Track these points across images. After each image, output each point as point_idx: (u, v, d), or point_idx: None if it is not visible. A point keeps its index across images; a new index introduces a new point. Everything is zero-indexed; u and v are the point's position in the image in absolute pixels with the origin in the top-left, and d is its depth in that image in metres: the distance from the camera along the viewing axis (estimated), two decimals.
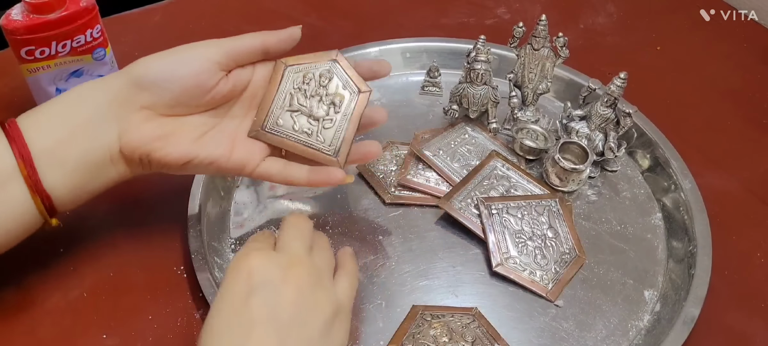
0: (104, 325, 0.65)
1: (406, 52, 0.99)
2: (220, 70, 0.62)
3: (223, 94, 0.63)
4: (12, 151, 0.57)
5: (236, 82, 0.64)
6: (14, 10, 0.77)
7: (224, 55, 0.62)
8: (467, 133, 0.87)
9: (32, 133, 0.58)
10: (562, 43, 0.82)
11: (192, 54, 0.62)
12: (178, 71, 0.61)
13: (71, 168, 0.59)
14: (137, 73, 0.61)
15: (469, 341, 0.63)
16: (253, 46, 0.64)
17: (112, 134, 0.60)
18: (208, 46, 0.63)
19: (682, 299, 0.67)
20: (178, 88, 0.61)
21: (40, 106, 0.61)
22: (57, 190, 0.58)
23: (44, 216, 0.59)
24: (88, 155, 0.60)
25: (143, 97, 0.61)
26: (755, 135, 0.92)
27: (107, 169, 0.61)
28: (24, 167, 0.57)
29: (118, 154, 0.61)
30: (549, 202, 0.77)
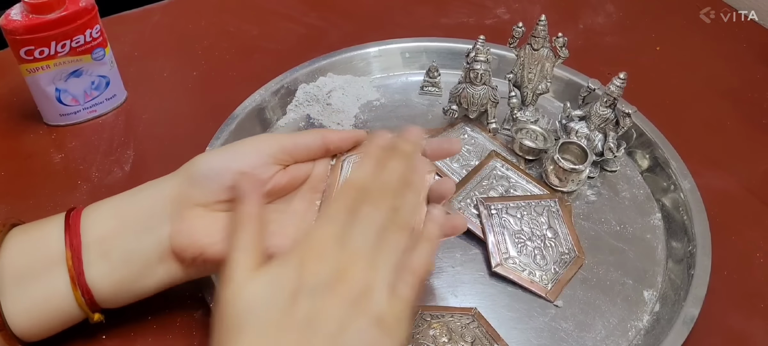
0: (103, 325, 0.64)
1: (405, 52, 0.99)
2: (276, 164, 0.61)
3: (280, 187, 0.62)
4: (64, 239, 0.56)
5: (294, 175, 0.62)
6: (13, 10, 0.77)
7: (281, 151, 0.61)
8: (467, 134, 0.87)
9: (88, 223, 0.58)
10: (562, 43, 0.82)
11: (247, 148, 0.61)
12: (232, 165, 0.59)
13: (115, 262, 0.57)
14: (191, 170, 0.60)
15: (469, 341, 0.63)
16: (313, 143, 0.63)
17: (163, 232, 0.58)
18: (266, 140, 0.62)
19: (682, 300, 0.67)
20: (231, 180, 0.58)
21: (108, 199, 0.61)
22: (99, 284, 0.57)
23: (84, 310, 0.58)
24: (133, 250, 0.58)
25: (196, 194, 0.59)
26: (755, 135, 0.92)
27: (154, 268, 0.58)
28: (70, 257, 0.56)
29: (169, 253, 0.58)
30: (548, 202, 0.77)
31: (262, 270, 0.51)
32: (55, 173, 0.81)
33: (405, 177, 0.56)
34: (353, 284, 0.49)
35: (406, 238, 0.54)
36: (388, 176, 0.56)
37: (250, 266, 0.51)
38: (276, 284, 0.49)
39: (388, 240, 0.53)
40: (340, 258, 0.50)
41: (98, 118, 0.90)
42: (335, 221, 0.52)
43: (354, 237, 0.52)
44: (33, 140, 0.86)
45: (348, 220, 0.53)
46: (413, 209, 0.56)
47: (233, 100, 0.86)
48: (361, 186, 0.55)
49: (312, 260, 0.50)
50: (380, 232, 0.53)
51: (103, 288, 0.57)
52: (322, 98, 0.90)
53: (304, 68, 0.93)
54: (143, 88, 0.94)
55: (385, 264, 0.52)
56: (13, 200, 0.77)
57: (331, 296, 0.49)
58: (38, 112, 0.87)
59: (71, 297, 0.56)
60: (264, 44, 1.05)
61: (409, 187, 0.56)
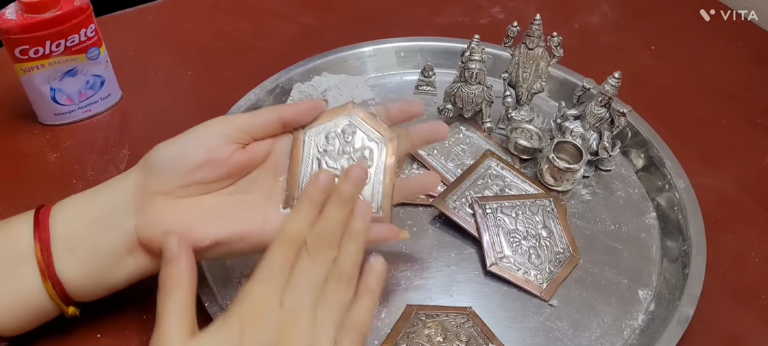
0: (99, 324, 0.64)
1: (400, 52, 0.99)
2: (233, 143, 0.60)
3: (239, 166, 0.61)
4: (33, 234, 0.56)
5: (255, 152, 0.62)
6: (8, 10, 0.77)
7: (236, 130, 0.60)
8: (461, 133, 0.87)
9: (56, 219, 0.57)
10: (557, 42, 0.82)
11: (202, 132, 0.60)
12: (188, 149, 0.59)
13: (84, 255, 0.57)
14: (150, 159, 0.59)
15: (464, 340, 0.63)
16: (269, 120, 0.62)
17: (129, 224, 0.57)
18: (220, 122, 0.61)
19: (677, 299, 0.67)
20: (190, 165, 0.58)
21: (75, 195, 0.60)
22: (69, 277, 0.57)
23: (57, 302, 0.58)
24: (101, 244, 0.57)
25: (157, 182, 0.58)
26: (749, 135, 0.93)
27: (123, 260, 0.58)
28: (39, 250, 0.56)
29: (137, 245, 0.58)
30: (543, 201, 0.77)
31: (198, 338, 0.50)
32: (50, 173, 0.81)
33: (345, 224, 0.55)
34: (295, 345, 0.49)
35: (347, 291, 0.53)
36: (327, 224, 0.55)
37: (183, 332, 0.50)
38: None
39: (328, 295, 0.52)
40: (279, 318, 0.50)
41: (93, 117, 0.89)
42: (273, 277, 0.52)
43: (293, 294, 0.51)
44: (28, 140, 0.86)
45: (285, 275, 0.52)
46: (354, 259, 0.55)
47: (228, 100, 0.86)
48: (298, 237, 0.54)
49: (251, 323, 0.50)
50: (320, 286, 0.52)
51: (73, 281, 0.57)
52: (317, 97, 0.90)
53: (299, 67, 0.93)
54: (138, 87, 0.94)
55: (327, 322, 0.51)
56: (8, 200, 0.77)
57: None
58: (33, 111, 0.87)
59: (42, 290, 0.56)
60: (259, 43, 1.05)
61: (350, 235, 0.55)
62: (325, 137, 0.63)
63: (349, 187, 0.56)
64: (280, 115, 0.62)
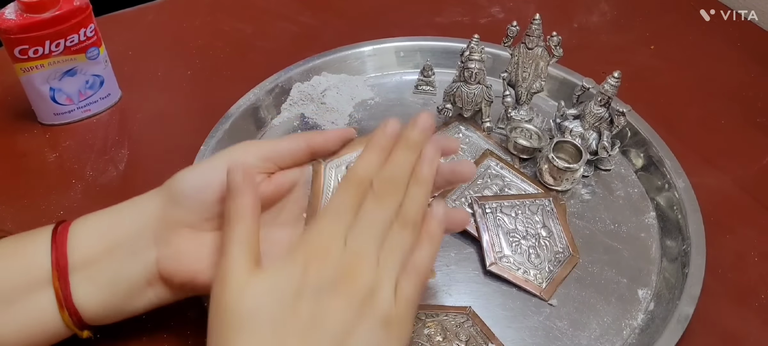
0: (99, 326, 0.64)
1: (399, 51, 0.99)
2: (259, 172, 0.58)
3: (266, 196, 0.59)
4: (51, 259, 0.55)
5: (280, 183, 0.60)
6: (8, 10, 0.77)
7: (262, 158, 0.59)
8: (461, 132, 0.87)
9: (75, 242, 0.56)
10: (556, 42, 0.82)
11: (226, 159, 0.57)
12: (211, 179, 0.56)
13: (103, 286, 0.56)
14: (171, 188, 0.57)
15: (463, 340, 0.63)
16: (296, 147, 0.60)
17: (150, 256, 0.56)
18: (247, 148, 0.59)
19: (676, 298, 0.67)
20: (214, 196, 0.56)
21: (94, 214, 0.58)
22: (86, 306, 0.55)
23: (73, 329, 0.56)
24: (121, 276, 0.56)
25: (179, 214, 0.56)
26: (749, 134, 0.93)
27: (143, 292, 0.57)
28: (57, 279, 0.54)
29: (157, 278, 0.56)
30: (543, 201, 0.77)
31: (263, 269, 0.50)
32: (50, 173, 0.81)
33: (411, 169, 0.55)
34: (359, 285, 0.49)
35: (411, 236, 0.53)
36: (394, 168, 0.54)
37: (248, 263, 0.50)
38: (279, 285, 0.48)
39: (393, 239, 0.52)
40: (344, 257, 0.50)
41: (93, 117, 0.89)
42: (339, 217, 0.51)
43: (358, 235, 0.51)
44: (27, 139, 0.86)
45: (351, 216, 0.52)
46: (420, 205, 0.54)
47: (228, 99, 0.86)
48: (365, 179, 0.53)
49: (316, 260, 0.49)
50: (385, 229, 0.52)
51: (90, 309, 0.56)
52: (316, 97, 0.90)
53: (299, 67, 0.93)
54: (138, 87, 0.94)
55: (390, 264, 0.51)
56: (8, 200, 0.77)
57: (336, 297, 0.48)
58: (32, 111, 0.87)
59: (58, 317, 0.55)
60: (258, 43, 1.05)
61: (416, 180, 0.55)
62: (346, 169, 0.62)
63: (417, 133, 0.56)
64: (308, 142, 0.61)
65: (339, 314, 0.48)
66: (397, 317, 0.50)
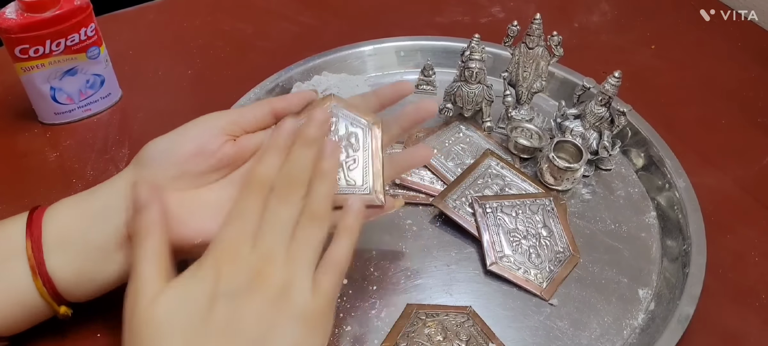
0: (98, 323, 0.64)
1: (400, 51, 0.99)
2: (224, 135, 0.60)
3: (229, 157, 0.60)
4: (25, 232, 0.57)
5: (243, 146, 0.62)
6: (8, 9, 0.77)
7: (229, 123, 0.61)
8: (461, 132, 0.87)
9: (50, 217, 0.58)
10: (557, 41, 0.82)
11: (194, 125, 0.61)
12: (180, 141, 0.60)
13: (74, 252, 0.57)
14: (143, 154, 0.60)
15: (464, 339, 0.63)
16: (260, 113, 0.63)
17: (119, 219, 0.57)
18: (213, 116, 0.62)
19: (677, 298, 0.67)
20: (180, 156, 0.59)
21: (71, 196, 0.61)
22: (59, 273, 0.57)
23: (48, 301, 0.57)
24: (91, 240, 0.57)
25: (149, 174, 0.58)
26: (749, 134, 0.93)
27: (113, 255, 0.58)
28: (30, 247, 0.56)
29: (127, 239, 0.57)
30: (543, 201, 0.77)
31: (174, 280, 0.50)
32: (50, 172, 0.81)
33: (312, 165, 0.56)
34: (272, 284, 0.50)
35: (321, 230, 0.54)
36: (293, 166, 0.55)
37: (159, 277, 0.50)
38: (191, 293, 0.49)
39: (301, 234, 0.53)
40: (253, 258, 0.51)
41: (93, 116, 0.89)
42: (245, 219, 0.52)
43: (265, 235, 0.52)
44: (28, 139, 0.86)
45: (256, 218, 0.53)
46: (325, 197, 0.55)
47: (228, 99, 0.86)
48: (266, 180, 0.55)
49: (226, 264, 0.50)
50: (292, 226, 0.53)
51: (64, 278, 0.57)
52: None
53: (299, 67, 0.93)
54: (138, 86, 0.94)
55: (301, 260, 0.52)
56: (8, 199, 0.77)
57: (250, 298, 0.49)
58: (33, 110, 0.87)
59: (33, 288, 0.56)
60: (259, 43, 1.05)
61: (318, 175, 0.56)
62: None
63: (313, 129, 0.57)
64: (272, 107, 0.63)
65: (254, 315, 0.48)
66: (315, 311, 0.50)
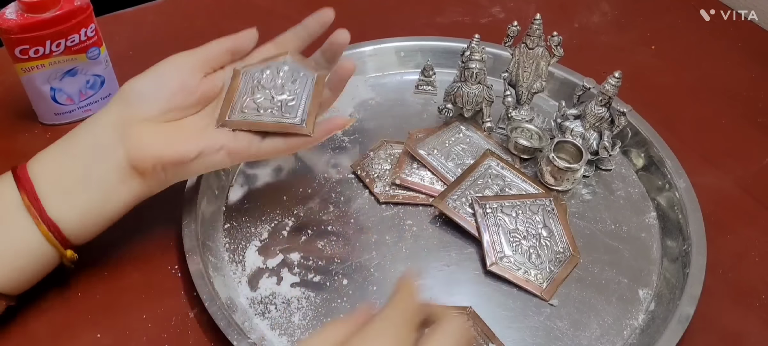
0: (98, 324, 0.64)
1: (400, 51, 0.99)
2: (198, 72, 0.68)
3: (205, 92, 0.68)
4: (16, 187, 0.59)
5: (213, 83, 0.69)
6: (8, 10, 0.77)
7: (198, 61, 0.68)
8: (462, 132, 0.87)
9: (37, 169, 0.61)
10: (557, 42, 0.82)
11: (172, 64, 0.68)
12: (163, 79, 0.66)
13: (75, 194, 0.60)
14: (127, 93, 0.65)
15: None
16: (219, 50, 0.70)
17: (118, 152, 0.62)
18: (184, 55, 0.69)
19: (677, 298, 0.67)
20: (168, 92, 0.65)
21: (48, 147, 0.64)
22: (64, 218, 0.60)
23: (55, 246, 0.60)
24: (91, 178, 0.61)
25: (140, 110, 0.64)
26: (750, 134, 0.93)
27: (117, 189, 0.62)
28: (27, 198, 0.58)
29: (129, 171, 0.62)
30: (544, 201, 0.77)
31: None
32: None
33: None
34: None
35: None
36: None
37: None
38: None
39: None
40: None
41: None
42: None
43: None
44: (28, 139, 0.86)
45: None
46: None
47: None
48: None
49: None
50: None
51: (67, 219, 0.60)
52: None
53: None
54: None
55: None
56: None
57: None
58: (33, 111, 0.87)
59: (39, 236, 0.59)
60: (259, 43, 1.05)
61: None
62: (260, 72, 0.71)
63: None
64: (226, 45, 0.71)
65: None
66: None
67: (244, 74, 0.70)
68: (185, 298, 0.67)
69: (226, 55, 0.71)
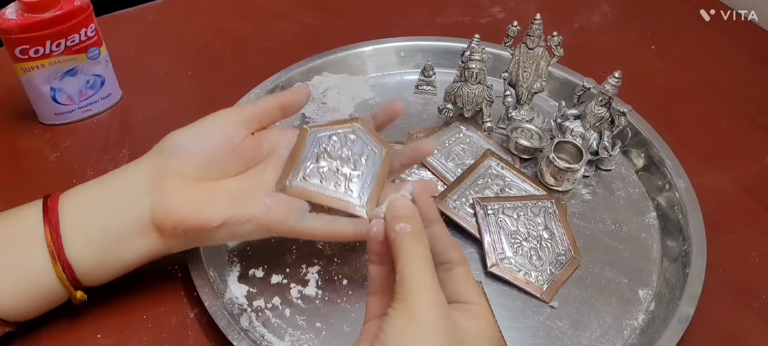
0: (98, 324, 0.64)
1: (400, 51, 0.99)
2: (244, 128, 0.64)
3: (250, 152, 0.65)
4: (42, 218, 0.58)
5: (262, 141, 0.66)
6: (8, 10, 0.77)
7: (246, 117, 0.65)
8: (462, 133, 0.87)
9: (66, 204, 0.59)
10: (557, 42, 0.82)
11: (217, 119, 0.65)
12: (206, 133, 0.63)
13: (94, 237, 0.59)
14: (167, 144, 0.63)
15: None
16: (271, 106, 0.67)
17: (143, 204, 0.60)
18: (231, 110, 0.66)
19: (677, 298, 0.67)
20: (208, 148, 0.63)
21: (85, 183, 0.63)
22: (79, 259, 0.58)
23: (67, 286, 0.59)
24: (112, 225, 0.59)
25: (176, 165, 0.61)
26: (750, 134, 0.93)
27: (134, 241, 0.60)
28: (49, 233, 0.57)
29: (149, 225, 0.60)
30: (545, 203, 0.77)
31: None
32: (50, 172, 0.81)
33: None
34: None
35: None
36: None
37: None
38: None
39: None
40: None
41: (93, 117, 0.89)
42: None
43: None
44: (28, 139, 0.86)
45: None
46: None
47: (228, 99, 0.86)
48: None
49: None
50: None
51: (83, 263, 0.58)
52: (317, 97, 0.90)
53: (299, 67, 0.93)
54: (138, 87, 0.94)
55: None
56: (8, 199, 0.77)
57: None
58: (33, 111, 0.87)
59: (52, 273, 0.58)
60: (259, 43, 1.05)
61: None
62: (328, 137, 0.67)
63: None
64: (279, 101, 0.68)
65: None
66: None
67: (311, 135, 0.67)
68: (185, 298, 0.67)
69: (278, 111, 0.68)
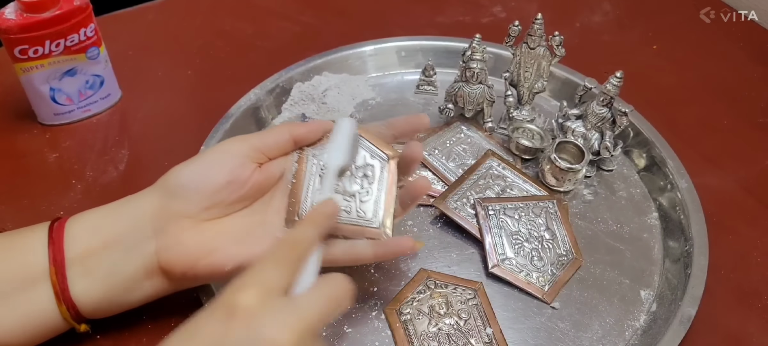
0: (98, 325, 0.64)
1: (401, 51, 0.99)
2: (252, 162, 0.61)
3: (258, 185, 0.62)
4: (48, 254, 0.56)
5: (270, 173, 0.63)
6: (8, 9, 0.77)
7: (253, 149, 0.61)
8: (463, 133, 0.86)
9: (72, 237, 0.57)
10: (558, 41, 0.81)
11: (221, 152, 0.61)
12: (210, 170, 0.60)
13: (100, 280, 0.57)
14: (170, 182, 0.60)
15: (463, 318, 0.65)
16: (281, 138, 0.63)
17: (149, 249, 0.57)
18: (236, 142, 0.62)
19: (679, 299, 0.67)
20: (213, 186, 0.59)
21: (90, 211, 0.60)
22: (84, 299, 0.57)
23: (70, 322, 0.58)
24: (118, 269, 0.57)
25: (179, 205, 0.58)
26: (751, 134, 0.92)
27: (141, 284, 0.58)
28: (54, 273, 0.56)
29: (156, 269, 0.58)
30: (547, 203, 0.77)
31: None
32: (50, 173, 0.81)
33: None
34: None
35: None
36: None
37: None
38: None
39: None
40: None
41: (93, 117, 0.89)
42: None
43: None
44: (27, 140, 0.85)
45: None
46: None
47: (228, 99, 0.86)
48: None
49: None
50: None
51: (88, 303, 0.57)
52: (317, 97, 0.89)
53: (300, 67, 0.93)
54: (138, 87, 0.94)
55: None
56: (7, 200, 0.77)
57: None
58: (32, 111, 0.86)
59: (56, 312, 0.56)
60: (259, 43, 1.05)
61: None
62: (323, 152, 0.64)
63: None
64: (292, 133, 0.64)
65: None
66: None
67: (308, 158, 0.64)
68: (185, 299, 0.67)
69: (289, 144, 0.64)
